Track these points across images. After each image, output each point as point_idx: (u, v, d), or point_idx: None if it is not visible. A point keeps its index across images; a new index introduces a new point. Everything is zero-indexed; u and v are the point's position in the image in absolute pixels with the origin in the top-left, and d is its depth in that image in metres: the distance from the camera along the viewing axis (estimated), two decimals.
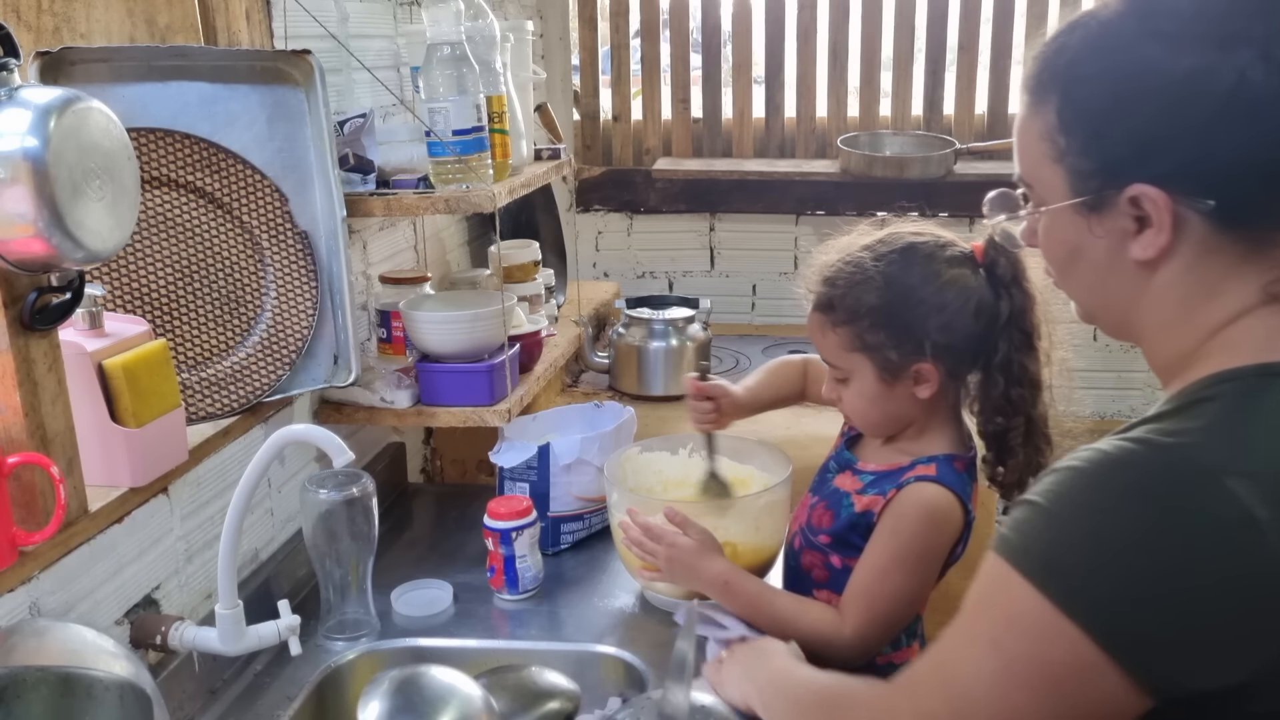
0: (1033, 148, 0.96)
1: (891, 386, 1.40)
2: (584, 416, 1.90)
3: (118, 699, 1.00)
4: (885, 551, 1.39)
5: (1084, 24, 0.94)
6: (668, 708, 1.17)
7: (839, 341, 1.41)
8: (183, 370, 1.43)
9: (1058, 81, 0.94)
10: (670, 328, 2.48)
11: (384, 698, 1.18)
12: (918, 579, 1.40)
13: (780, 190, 3.12)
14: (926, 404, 1.42)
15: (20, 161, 0.98)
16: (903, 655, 1.50)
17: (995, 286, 1.39)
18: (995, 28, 3.03)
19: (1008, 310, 1.38)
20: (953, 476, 1.39)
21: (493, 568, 1.63)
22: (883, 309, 1.37)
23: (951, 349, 1.38)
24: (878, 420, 1.45)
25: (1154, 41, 0.88)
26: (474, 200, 1.58)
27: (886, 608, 1.38)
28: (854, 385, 1.43)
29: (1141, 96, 0.88)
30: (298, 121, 1.52)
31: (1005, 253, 1.38)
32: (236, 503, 1.25)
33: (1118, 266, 0.93)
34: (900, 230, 1.44)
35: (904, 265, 1.38)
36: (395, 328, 1.74)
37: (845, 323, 1.40)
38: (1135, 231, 0.90)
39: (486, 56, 1.66)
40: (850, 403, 1.45)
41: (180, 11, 1.50)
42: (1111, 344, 3.08)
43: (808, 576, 1.51)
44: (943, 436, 1.44)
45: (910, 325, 1.37)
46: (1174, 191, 0.88)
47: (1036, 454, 1.41)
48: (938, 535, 1.39)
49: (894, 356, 1.38)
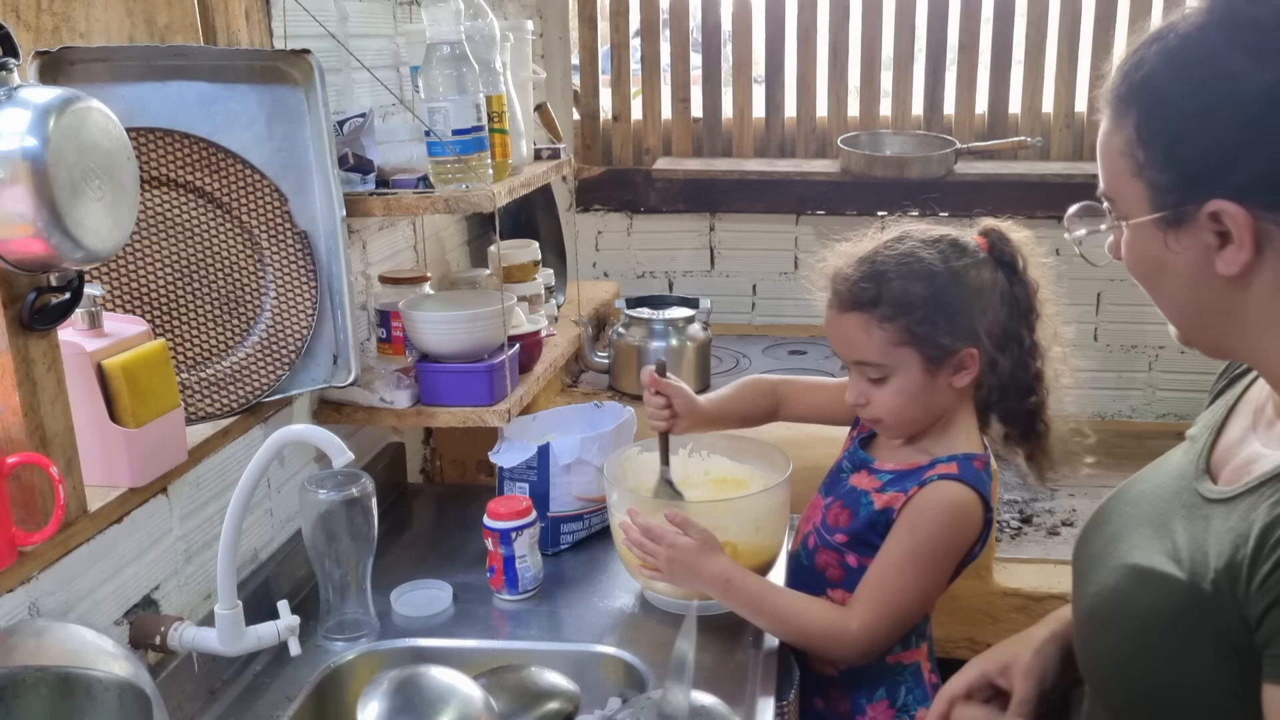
0: (1114, 162, 0.95)
1: (934, 378, 1.41)
2: (584, 416, 1.90)
3: (117, 699, 1.00)
4: (903, 547, 1.39)
5: (1163, 36, 0.92)
6: (668, 708, 1.17)
7: (885, 338, 1.40)
8: (182, 370, 1.43)
9: (1135, 95, 0.93)
10: (670, 328, 2.48)
11: (383, 698, 1.18)
12: (932, 577, 1.40)
13: (780, 190, 3.11)
14: (958, 396, 1.44)
15: (19, 161, 0.98)
16: (912, 655, 1.50)
17: (1008, 275, 1.44)
18: (995, 28, 3.03)
19: (1023, 295, 1.44)
20: (974, 475, 1.41)
21: (492, 568, 1.63)
22: (935, 297, 1.39)
23: (992, 334, 1.41)
24: (915, 417, 1.45)
25: (1234, 54, 0.87)
26: (473, 200, 1.58)
27: (898, 603, 1.39)
28: (895, 382, 1.42)
29: (1219, 110, 0.87)
30: (297, 121, 1.52)
31: (1005, 241, 1.45)
32: (236, 503, 1.25)
33: (1205, 282, 0.92)
34: (917, 226, 1.47)
35: (944, 255, 1.41)
36: (395, 328, 1.74)
37: (893, 317, 1.39)
38: (1218, 247, 0.89)
39: (486, 56, 1.65)
40: (885, 401, 1.43)
41: (179, 11, 1.50)
42: (1112, 344, 3.08)
43: (822, 576, 1.51)
44: (962, 436, 1.46)
45: (959, 311, 1.39)
46: (1254, 206, 0.87)
47: (1048, 430, 1.47)
48: (958, 534, 1.40)
49: (946, 342, 1.39)
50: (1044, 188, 2.98)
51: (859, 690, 1.50)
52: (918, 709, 1.49)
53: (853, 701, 1.51)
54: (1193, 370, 3.09)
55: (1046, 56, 3.02)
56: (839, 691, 1.52)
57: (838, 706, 1.53)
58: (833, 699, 1.53)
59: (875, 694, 1.50)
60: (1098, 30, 2.98)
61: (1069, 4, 2.98)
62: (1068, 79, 3.02)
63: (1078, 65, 3.01)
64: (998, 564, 2.34)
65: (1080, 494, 2.69)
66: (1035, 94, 3.05)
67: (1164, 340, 3.07)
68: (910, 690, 1.50)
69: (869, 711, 1.50)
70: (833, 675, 1.52)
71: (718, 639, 1.50)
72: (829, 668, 1.52)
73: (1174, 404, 3.12)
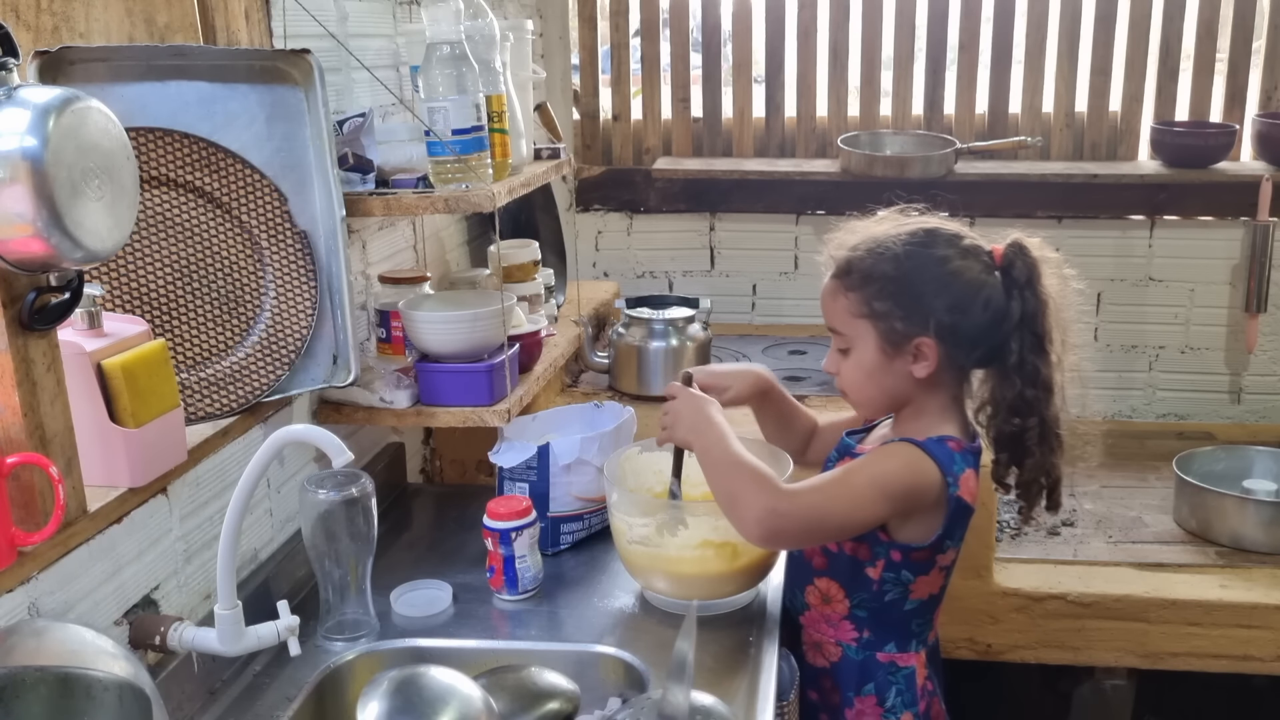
0: None
1: (891, 360, 1.44)
2: (584, 416, 1.90)
3: (116, 699, 1.00)
4: (845, 467, 1.46)
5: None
6: (668, 708, 1.17)
7: (848, 306, 1.46)
8: (182, 370, 1.43)
9: None
10: (670, 328, 2.48)
11: (383, 698, 1.18)
12: (862, 497, 1.41)
13: (780, 190, 3.11)
14: (922, 386, 1.46)
15: (19, 161, 0.98)
16: (907, 659, 1.52)
17: (1009, 287, 1.43)
18: (996, 27, 3.03)
19: (1019, 311, 1.42)
20: (937, 448, 1.43)
21: (492, 568, 1.63)
22: (896, 278, 1.42)
23: (955, 331, 1.42)
24: (872, 395, 1.49)
25: None
26: (473, 200, 1.58)
27: (819, 503, 1.40)
28: (854, 355, 1.47)
29: None
30: (297, 121, 1.52)
31: (1023, 256, 1.44)
32: (235, 503, 1.25)
33: None
34: (926, 219, 1.49)
35: (923, 244, 1.44)
36: (394, 328, 1.74)
37: (857, 287, 1.45)
38: None
39: (486, 56, 1.65)
40: (848, 375, 1.49)
41: (179, 11, 1.50)
42: (1112, 344, 3.08)
43: (808, 565, 1.54)
44: (942, 425, 1.46)
45: (919, 298, 1.42)
46: None
47: (1050, 454, 1.46)
48: (902, 469, 1.42)
49: (899, 326, 1.42)
50: (1044, 188, 2.98)
51: (849, 683, 1.52)
52: (905, 713, 1.51)
53: (843, 694, 1.53)
54: (1193, 370, 3.09)
55: (1046, 56, 3.02)
56: (831, 683, 1.55)
57: (830, 699, 1.55)
58: (825, 690, 1.56)
59: (864, 688, 1.52)
60: (1098, 30, 2.98)
61: (1069, 4, 2.97)
62: (1068, 79, 3.02)
63: (1078, 65, 3.01)
64: (998, 564, 2.34)
65: (1080, 494, 2.69)
66: (1035, 94, 3.05)
67: (1164, 340, 3.08)
68: (901, 693, 1.51)
69: (856, 705, 1.52)
70: (825, 667, 1.54)
71: (718, 639, 1.50)
72: (821, 660, 1.55)
73: (1174, 404, 3.12)
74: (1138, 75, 3.00)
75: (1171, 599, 2.26)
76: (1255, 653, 2.25)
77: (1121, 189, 2.96)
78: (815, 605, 1.54)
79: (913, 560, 1.46)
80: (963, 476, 1.43)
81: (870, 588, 1.49)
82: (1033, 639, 2.33)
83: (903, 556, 1.46)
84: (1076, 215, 3.02)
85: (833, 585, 1.51)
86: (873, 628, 1.51)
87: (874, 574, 1.48)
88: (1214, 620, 2.26)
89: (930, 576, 1.49)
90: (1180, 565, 2.37)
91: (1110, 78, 3.01)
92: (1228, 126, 2.94)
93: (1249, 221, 2.93)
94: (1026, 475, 1.47)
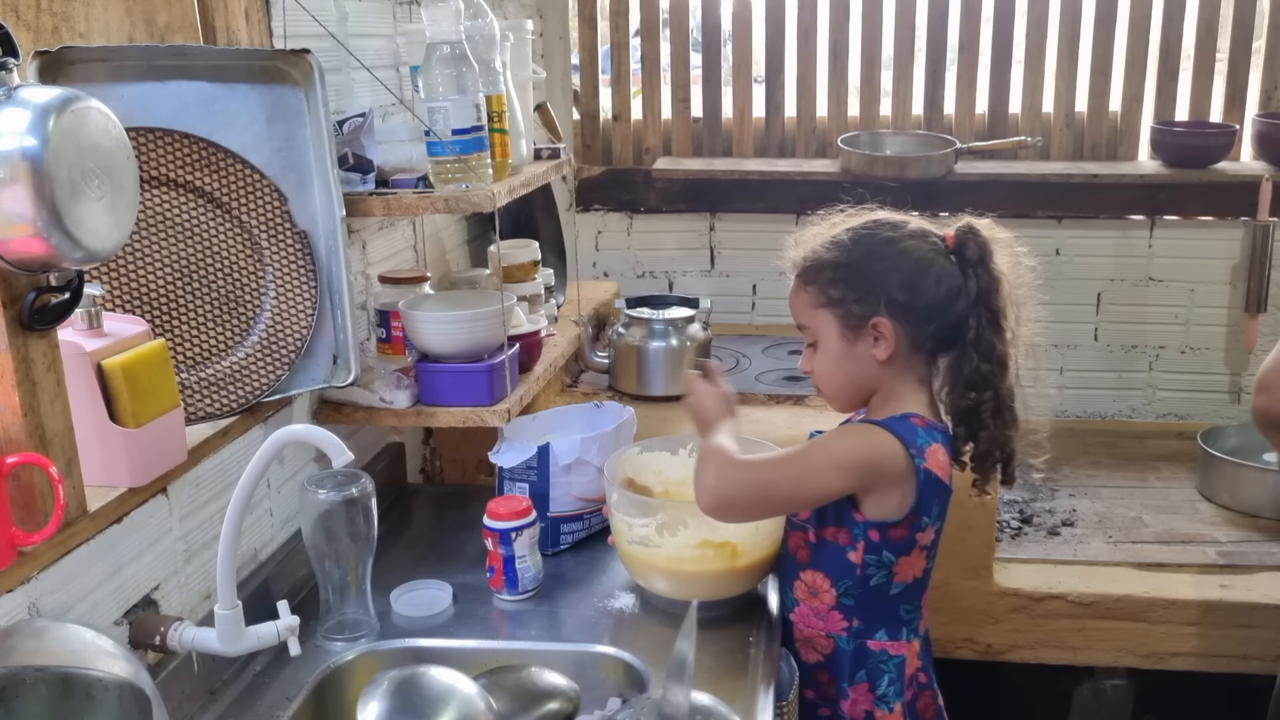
0: None
1: (853, 345, 1.49)
2: (584, 416, 1.90)
3: (117, 699, 1.00)
4: (806, 443, 1.51)
5: None
6: (668, 708, 1.17)
7: (807, 299, 1.52)
8: (182, 370, 1.43)
9: None
10: (670, 328, 2.48)
11: (383, 698, 1.18)
12: (813, 465, 1.46)
13: (780, 190, 3.11)
14: (889, 372, 1.50)
15: (19, 161, 0.98)
16: (898, 648, 1.54)
17: (964, 267, 1.49)
18: (996, 27, 3.03)
19: (975, 288, 1.48)
20: (897, 424, 1.46)
21: (492, 568, 1.63)
22: (848, 264, 1.49)
23: (908, 308, 1.47)
24: (841, 384, 1.54)
25: None
26: (473, 200, 1.58)
27: (769, 468, 1.45)
28: (821, 347, 1.52)
29: None
30: (297, 121, 1.52)
31: (975, 237, 1.50)
32: (235, 503, 1.25)
33: None
34: (876, 212, 1.56)
35: (870, 230, 1.51)
36: (394, 328, 1.74)
37: (813, 280, 1.51)
38: None
39: (486, 56, 1.65)
40: (819, 368, 1.54)
41: (179, 11, 1.50)
42: (1112, 344, 3.08)
43: (794, 560, 1.57)
44: (908, 408, 1.50)
45: (870, 278, 1.48)
46: None
47: (1004, 428, 1.52)
48: (857, 441, 1.47)
49: (855, 309, 1.48)
50: (1044, 187, 2.98)
51: (843, 674, 1.54)
52: (896, 702, 1.52)
53: (838, 686, 1.54)
54: (1193, 370, 3.09)
55: (1046, 56, 3.02)
56: (828, 676, 1.56)
57: (827, 692, 1.56)
58: (822, 685, 1.57)
59: (857, 676, 1.53)
60: (1098, 30, 2.98)
61: (1069, 4, 2.97)
62: (1068, 79, 3.02)
63: (1078, 65, 3.01)
64: (998, 564, 2.34)
65: (1080, 494, 2.69)
66: (1035, 94, 3.05)
67: (1164, 340, 3.08)
68: (892, 682, 1.53)
69: (851, 694, 1.54)
70: (819, 662, 1.56)
71: (718, 639, 1.50)
72: (814, 655, 1.56)
73: (1174, 404, 3.12)
74: (1138, 75, 3.00)
75: (1171, 599, 2.26)
76: (1255, 653, 2.26)
77: (1121, 189, 2.96)
78: (804, 599, 1.55)
79: (890, 539, 1.47)
80: (929, 450, 1.45)
81: (854, 573, 1.50)
82: (1032, 639, 2.34)
83: (880, 536, 1.47)
84: (1076, 215, 3.02)
85: (818, 576, 1.53)
86: (861, 615, 1.52)
87: (856, 558, 1.49)
88: (1214, 620, 2.26)
89: (912, 557, 1.50)
90: (1180, 565, 2.37)
91: (1110, 78, 3.01)
92: (1228, 126, 2.94)
93: (1249, 221, 2.93)
94: (981, 448, 1.52)
